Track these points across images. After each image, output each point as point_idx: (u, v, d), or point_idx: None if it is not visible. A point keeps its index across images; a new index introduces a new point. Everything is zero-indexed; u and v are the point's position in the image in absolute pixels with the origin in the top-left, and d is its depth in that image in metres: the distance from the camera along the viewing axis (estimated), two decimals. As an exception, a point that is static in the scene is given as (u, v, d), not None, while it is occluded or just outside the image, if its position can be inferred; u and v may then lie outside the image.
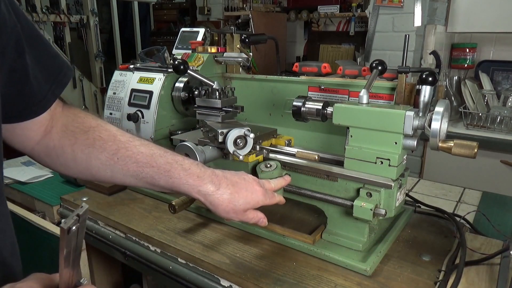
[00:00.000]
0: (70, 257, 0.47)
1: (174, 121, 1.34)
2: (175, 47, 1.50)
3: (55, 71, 0.70)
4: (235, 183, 0.78)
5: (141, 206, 1.22)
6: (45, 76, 0.68)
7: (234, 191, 0.77)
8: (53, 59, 0.71)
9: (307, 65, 1.23)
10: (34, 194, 1.45)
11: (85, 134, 0.74)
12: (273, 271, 0.90)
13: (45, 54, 0.69)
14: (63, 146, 0.74)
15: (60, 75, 0.71)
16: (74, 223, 0.45)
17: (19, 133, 0.71)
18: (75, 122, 0.75)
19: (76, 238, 0.47)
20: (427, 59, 2.63)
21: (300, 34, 4.01)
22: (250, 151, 0.99)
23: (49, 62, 0.70)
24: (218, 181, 0.76)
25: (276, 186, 0.89)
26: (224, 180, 0.77)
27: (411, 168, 1.14)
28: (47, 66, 0.69)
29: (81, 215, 0.46)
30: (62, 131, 0.74)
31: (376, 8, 2.71)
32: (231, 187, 0.77)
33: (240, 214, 0.78)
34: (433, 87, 0.87)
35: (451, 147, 0.81)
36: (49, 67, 0.69)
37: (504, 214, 1.29)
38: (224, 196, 0.76)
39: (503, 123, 2.37)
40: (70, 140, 0.74)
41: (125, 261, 1.11)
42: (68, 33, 3.59)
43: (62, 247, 0.46)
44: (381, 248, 0.94)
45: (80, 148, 0.73)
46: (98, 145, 0.73)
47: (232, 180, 0.78)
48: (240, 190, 0.78)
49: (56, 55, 0.71)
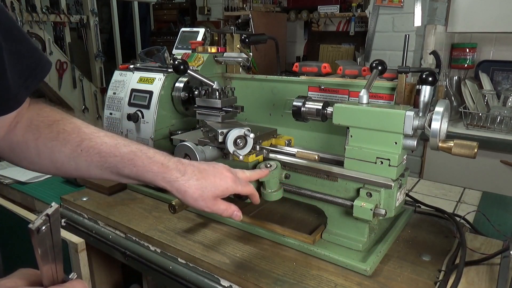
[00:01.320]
0: (49, 254, 0.49)
1: (174, 121, 1.34)
2: (175, 47, 1.50)
3: (31, 65, 0.69)
4: (203, 170, 0.77)
5: (141, 206, 1.22)
6: (20, 71, 0.67)
7: (201, 177, 0.75)
8: (31, 53, 0.70)
9: (307, 65, 1.23)
10: (34, 194, 1.45)
11: (48, 128, 0.73)
12: (273, 271, 0.90)
13: (22, 49, 0.68)
14: (27, 141, 0.72)
15: (37, 69, 0.70)
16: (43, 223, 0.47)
17: None
18: (39, 116, 0.74)
19: (51, 236, 0.48)
20: (427, 59, 2.63)
21: (300, 34, 4.01)
22: (250, 151, 0.99)
23: (26, 56, 0.69)
24: (184, 168, 0.75)
25: (251, 176, 0.87)
26: (190, 167, 0.76)
27: (411, 168, 1.14)
28: (23, 61, 0.68)
29: (50, 214, 0.47)
30: (26, 126, 0.73)
31: (376, 8, 2.71)
32: (197, 173, 0.76)
33: (210, 202, 0.76)
34: (433, 87, 0.87)
35: (451, 147, 0.81)
36: (26, 62, 0.68)
37: (504, 214, 1.29)
38: (190, 182, 0.74)
39: (503, 123, 2.37)
40: (34, 135, 0.73)
41: (125, 261, 1.11)
42: (68, 33, 3.59)
43: (36, 246, 0.48)
44: (381, 248, 0.94)
45: (43, 142, 0.72)
46: (62, 137, 0.72)
47: (199, 168, 0.77)
48: (207, 176, 0.76)
49: (34, 49, 0.70)
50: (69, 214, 1.28)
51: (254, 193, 0.85)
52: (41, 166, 0.75)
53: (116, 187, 1.31)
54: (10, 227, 1.22)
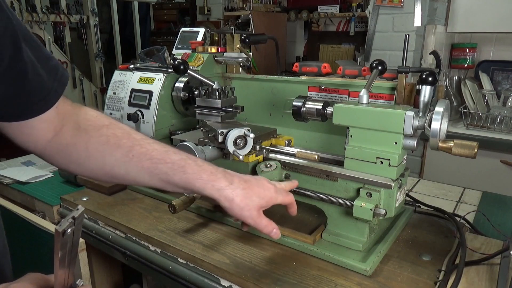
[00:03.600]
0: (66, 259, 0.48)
1: (174, 121, 1.34)
2: (175, 47, 1.50)
3: (53, 70, 0.70)
4: (247, 180, 0.78)
5: (141, 206, 1.22)
6: (47, 74, 0.68)
7: (247, 187, 0.76)
8: (49, 59, 0.70)
9: (307, 65, 1.23)
10: (34, 194, 1.45)
11: (98, 131, 0.74)
12: (273, 271, 0.90)
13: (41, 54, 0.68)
14: (76, 143, 0.73)
15: (58, 74, 0.71)
16: (69, 226, 0.45)
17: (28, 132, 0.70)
18: (87, 120, 0.75)
19: (72, 240, 0.47)
20: (427, 59, 2.63)
21: (300, 34, 4.01)
22: (250, 151, 0.99)
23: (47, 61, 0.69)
24: (231, 177, 0.76)
25: (286, 187, 0.88)
26: (236, 177, 0.77)
27: (411, 168, 1.14)
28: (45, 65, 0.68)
29: (76, 217, 0.46)
30: (74, 129, 0.74)
31: (376, 8, 2.71)
32: (243, 183, 0.76)
33: (255, 213, 0.75)
34: (433, 87, 0.87)
35: (451, 147, 0.81)
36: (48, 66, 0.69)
37: (504, 214, 1.29)
38: (238, 190, 0.74)
39: (503, 123, 2.37)
40: (83, 138, 0.73)
41: (125, 261, 1.11)
42: (68, 33, 3.59)
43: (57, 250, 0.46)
44: (381, 248, 0.94)
45: (94, 145, 0.73)
46: (113, 142, 0.73)
47: (244, 178, 0.78)
48: (252, 186, 0.77)
49: (50, 56, 0.71)
50: (68, 215, 1.28)
51: (293, 203, 0.85)
52: (89, 170, 0.76)
53: (116, 187, 1.31)
54: (10, 227, 1.22)
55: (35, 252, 1.20)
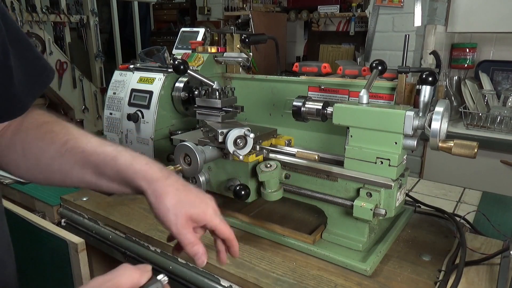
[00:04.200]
0: None
1: (174, 121, 1.34)
2: (175, 47, 1.50)
3: (36, 72, 0.69)
4: (186, 185, 0.69)
5: (141, 206, 1.22)
6: (26, 77, 0.66)
7: (183, 190, 0.67)
8: (37, 60, 0.69)
9: (307, 65, 1.23)
10: (34, 194, 1.45)
11: (36, 129, 0.71)
12: (273, 271, 0.90)
13: (29, 55, 0.67)
14: (15, 143, 0.71)
15: (42, 76, 0.70)
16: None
17: None
18: (30, 118, 0.72)
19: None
20: (427, 59, 2.63)
21: (300, 34, 4.01)
22: (250, 151, 0.99)
23: (33, 63, 0.68)
24: (168, 173, 0.68)
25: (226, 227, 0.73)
26: (175, 176, 0.69)
27: (411, 168, 1.14)
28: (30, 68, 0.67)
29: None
30: (16, 129, 0.71)
31: (376, 8, 2.70)
32: (180, 185, 0.67)
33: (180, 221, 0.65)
34: (433, 87, 0.87)
35: (451, 147, 0.81)
36: (32, 69, 0.68)
37: (504, 214, 1.29)
38: (170, 188, 0.65)
39: (503, 123, 2.37)
40: (21, 137, 0.71)
41: (125, 261, 1.11)
42: (68, 33, 3.58)
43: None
44: (381, 248, 0.94)
45: (30, 144, 0.70)
46: (49, 137, 0.70)
47: (183, 182, 0.70)
48: (189, 192, 0.68)
49: (39, 57, 0.70)
50: (69, 214, 1.28)
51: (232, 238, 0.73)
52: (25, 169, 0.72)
53: (116, 187, 1.31)
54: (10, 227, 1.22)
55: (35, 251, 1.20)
